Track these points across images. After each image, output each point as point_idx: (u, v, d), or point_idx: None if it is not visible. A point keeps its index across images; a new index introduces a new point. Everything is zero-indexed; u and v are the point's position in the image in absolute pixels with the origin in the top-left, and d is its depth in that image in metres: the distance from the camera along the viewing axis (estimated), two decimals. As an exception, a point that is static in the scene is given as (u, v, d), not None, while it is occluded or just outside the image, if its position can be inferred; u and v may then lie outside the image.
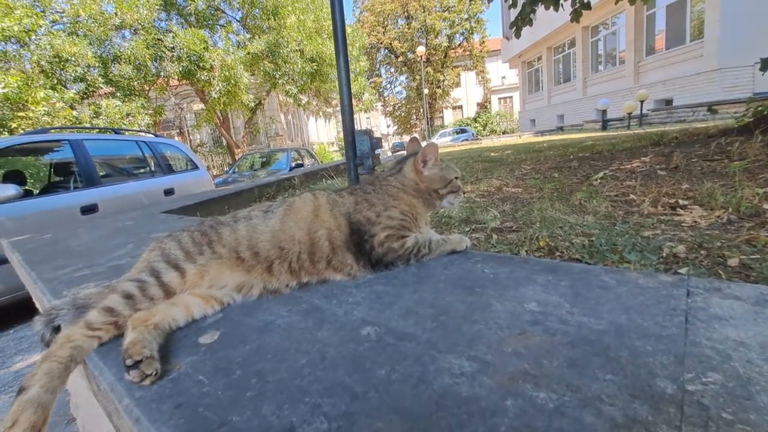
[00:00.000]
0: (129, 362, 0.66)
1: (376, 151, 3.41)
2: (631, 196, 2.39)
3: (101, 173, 4.28)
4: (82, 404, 1.57)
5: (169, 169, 5.15)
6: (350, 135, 3.01)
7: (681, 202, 2.12)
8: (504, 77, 32.45)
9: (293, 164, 9.06)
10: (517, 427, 0.46)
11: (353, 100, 3.61)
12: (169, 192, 4.75)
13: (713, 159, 3.14)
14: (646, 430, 0.43)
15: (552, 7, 4.85)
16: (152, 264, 0.91)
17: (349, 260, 0.99)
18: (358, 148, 3.14)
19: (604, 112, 11.73)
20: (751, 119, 3.79)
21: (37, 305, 1.48)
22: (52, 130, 4.84)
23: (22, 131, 7.14)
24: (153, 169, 4.97)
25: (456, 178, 1.21)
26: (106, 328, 0.79)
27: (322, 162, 11.18)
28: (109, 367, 0.72)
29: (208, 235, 0.98)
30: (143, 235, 2.06)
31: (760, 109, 3.72)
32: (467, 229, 2.17)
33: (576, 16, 5.07)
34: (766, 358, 0.53)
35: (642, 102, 10.49)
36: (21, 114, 7.77)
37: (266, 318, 0.84)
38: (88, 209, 3.79)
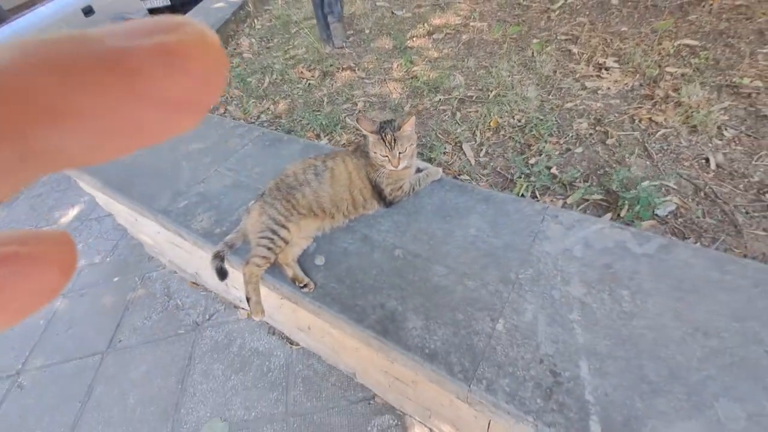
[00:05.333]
0: (300, 285, 1.51)
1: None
2: (574, 49, 2.80)
3: None
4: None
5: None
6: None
7: (608, 63, 2.61)
8: None
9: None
10: (462, 297, 1.39)
11: None
12: None
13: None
14: (486, 285, 1.37)
15: None
16: (270, 226, 1.62)
17: (375, 204, 1.72)
18: None
19: None
20: None
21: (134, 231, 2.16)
22: None
23: None
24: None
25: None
26: (264, 266, 1.60)
27: None
28: (282, 283, 1.57)
29: (291, 202, 1.64)
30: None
31: None
32: (437, 99, 2.68)
33: None
34: (562, 259, 1.43)
35: None
36: None
37: (342, 246, 1.65)
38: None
